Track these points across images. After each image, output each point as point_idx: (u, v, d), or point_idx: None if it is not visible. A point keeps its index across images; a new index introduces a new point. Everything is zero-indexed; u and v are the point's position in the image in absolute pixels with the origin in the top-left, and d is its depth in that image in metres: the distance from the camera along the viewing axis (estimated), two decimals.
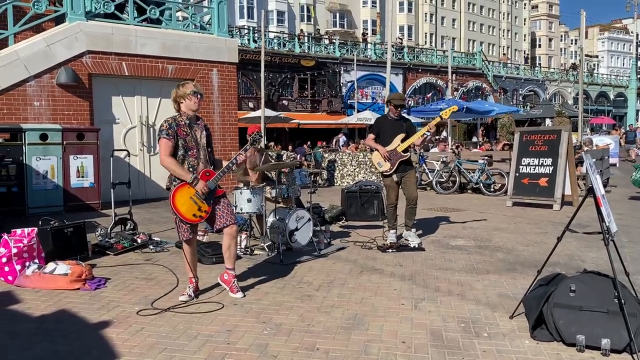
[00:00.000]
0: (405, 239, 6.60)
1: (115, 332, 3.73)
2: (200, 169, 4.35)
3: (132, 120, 10.90)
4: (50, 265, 4.93)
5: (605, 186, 11.85)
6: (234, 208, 5.86)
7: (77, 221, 6.01)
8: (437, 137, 22.34)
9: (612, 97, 56.99)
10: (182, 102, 4.36)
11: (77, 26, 9.97)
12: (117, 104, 10.73)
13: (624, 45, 79.96)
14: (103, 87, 10.47)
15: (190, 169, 4.32)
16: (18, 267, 4.93)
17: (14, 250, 4.95)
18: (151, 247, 6.36)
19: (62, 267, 4.88)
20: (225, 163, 4.55)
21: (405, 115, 7.30)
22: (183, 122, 4.34)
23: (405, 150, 6.51)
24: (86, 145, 9.30)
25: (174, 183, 4.31)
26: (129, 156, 7.87)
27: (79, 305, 4.29)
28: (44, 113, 9.64)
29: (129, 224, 7.03)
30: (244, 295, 4.52)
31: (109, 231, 6.60)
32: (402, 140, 6.49)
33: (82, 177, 9.22)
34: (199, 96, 4.36)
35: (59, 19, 10.45)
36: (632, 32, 70.12)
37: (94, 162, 9.34)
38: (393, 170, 6.47)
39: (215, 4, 11.88)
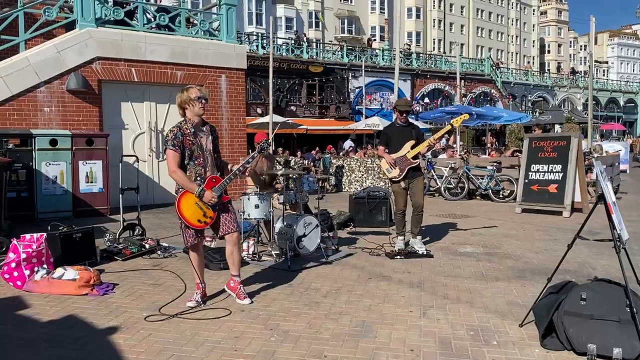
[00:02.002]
0: (412, 247, 6.56)
1: (122, 337, 3.73)
2: (208, 175, 4.34)
3: (141, 126, 10.95)
4: (59, 271, 4.94)
5: (615, 193, 11.75)
6: (240, 214, 5.87)
7: (85, 227, 6.04)
8: (447, 145, 22.25)
9: (622, 103, 56.65)
10: (187, 108, 4.33)
11: (87, 33, 10.06)
12: (126, 109, 10.79)
13: (634, 51, 79.50)
14: (112, 93, 10.53)
15: (198, 177, 4.31)
16: (27, 272, 4.95)
17: (23, 256, 4.97)
18: (159, 252, 6.37)
19: (70, 273, 4.89)
20: (230, 166, 4.59)
21: (413, 121, 7.29)
22: (188, 131, 4.29)
23: (415, 157, 6.50)
24: (95, 150, 9.35)
25: (180, 189, 4.31)
26: (138, 162, 7.91)
27: (87, 311, 4.30)
28: (54, 119, 9.71)
29: (137, 230, 7.06)
30: (252, 302, 4.51)
31: (117, 236, 6.62)
32: (412, 147, 6.48)
33: (91, 182, 9.27)
34: (203, 101, 4.32)
35: (70, 26, 10.54)
36: None
37: (103, 167, 9.39)
38: (402, 176, 6.46)
39: (224, 11, 11.94)
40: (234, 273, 4.54)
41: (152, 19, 11.38)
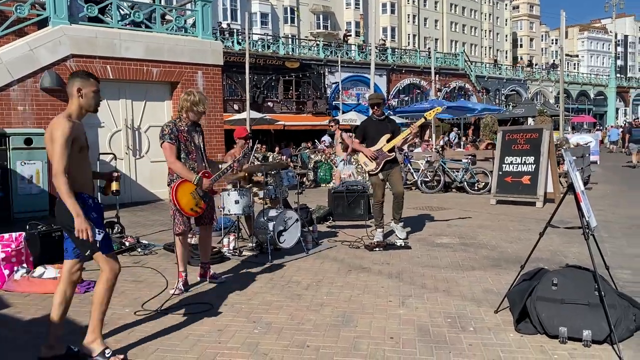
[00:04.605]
0: (393, 230, 6.79)
1: (106, 334, 3.75)
2: (199, 170, 4.63)
3: (117, 124, 10.86)
4: (39, 269, 4.93)
5: (586, 183, 12.07)
6: (219, 210, 5.92)
7: None
8: (424, 140, 22.49)
9: (592, 95, 57.85)
10: (190, 112, 4.65)
11: (61, 30, 9.92)
12: (101, 107, 10.61)
13: (603, 44, 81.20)
14: None
15: (192, 171, 4.61)
16: (6, 272, 4.92)
17: (2, 255, 4.95)
18: (139, 249, 6.38)
19: (50, 271, 4.89)
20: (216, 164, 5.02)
21: (390, 116, 7.43)
22: (183, 128, 4.62)
23: (391, 150, 6.63)
24: None
25: (175, 179, 4.56)
26: (115, 160, 7.87)
27: (69, 309, 4.29)
28: (28, 117, 9.57)
29: (116, 228, 7.03)
30: (225, 280, 5.03)
31: None
32: (388, 140, 6.60)
33: None
34: (203, 114, 4.77)
35: (42, 23, 10.37)
36: (610, 32, 71.32)
37: None
38: (379, 169, 6.58)
39: (200, 7, 11.89)
40: (206, 261, 5.03)
41: (127, 16, 11.27)
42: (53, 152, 3.16)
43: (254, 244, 6.29)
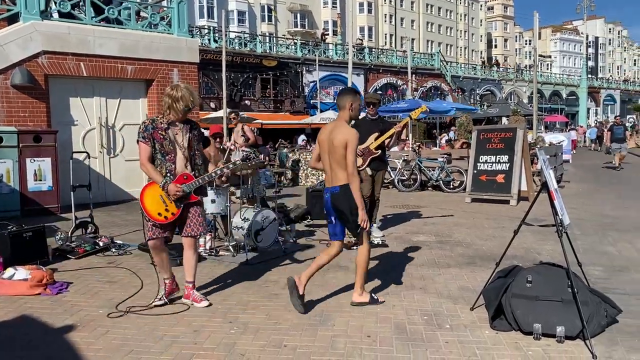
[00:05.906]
0: (371, 232, 6.78)
1: (79, 336, 3.69)
2: (178, 172, 4.20)
3: (91, 122, 10.66)
4: (9, 271, 4.81)
5: (559, 182, 12.28)
6: (205, 217, 5.81)
7: (36, 225, 5.87)
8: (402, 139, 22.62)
9: (564, 95, 58.96)
10: (173, 107, 4.16)
11: (32, 26, 9.70)
12: (75, 105, 10.47)
13: (574, 45, 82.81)
14: (60, 88, 10.21)
15: (168, 174, 4.17)
16: None
17: None
18: (113, 250, 6.27)
19: (21, 273, 4.77)
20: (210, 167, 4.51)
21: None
22: (162, 126, 4.18)
23: (377, 148, 6.68)
24: (43, 147, 9.06)
25: (149, 180, 4.24)
26: (89, 158, 7.73)
27: (41, 311, 4.21)
28: None
29: (90, 227, 6.90)
30: (210, 304, 4.31)
31: (69, 235, 6.47)
32: (376, 139, 6.68)
33: (40, 180, 8.98)
34: (187, 110, 4.19)
35: (12, 19, 10.12)
36: (582, 34, 72.73)
37: (52, 165, 9.11)
38: (365, 166, 6.65)
39: (175, 4, 11.74)
40: (188, 279, 4.35)
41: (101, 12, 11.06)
42: (345, 154, 4.02)
43: (230, 244, 6.24)
